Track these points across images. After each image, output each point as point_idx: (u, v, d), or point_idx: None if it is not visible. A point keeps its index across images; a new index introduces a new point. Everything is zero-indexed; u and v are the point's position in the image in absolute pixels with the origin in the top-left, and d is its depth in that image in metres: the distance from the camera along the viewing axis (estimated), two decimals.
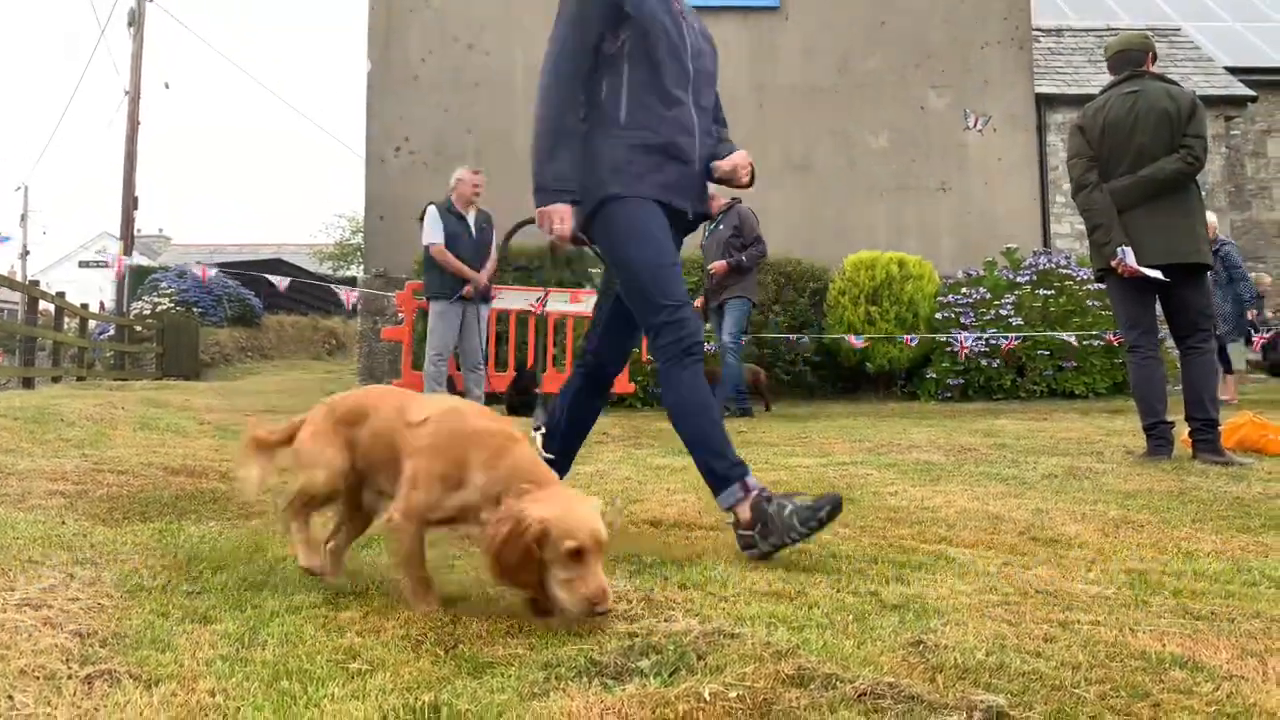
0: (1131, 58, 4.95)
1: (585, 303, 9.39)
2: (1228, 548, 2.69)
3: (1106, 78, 5.10)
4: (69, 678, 1.48)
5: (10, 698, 1.37)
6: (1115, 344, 9.93)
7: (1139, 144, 4.73)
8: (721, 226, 8.59)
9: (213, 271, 17.49)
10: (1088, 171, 4.89)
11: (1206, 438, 4.61)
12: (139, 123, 20.50)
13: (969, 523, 3.09)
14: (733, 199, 8.67)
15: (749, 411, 8.55)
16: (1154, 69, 4.96)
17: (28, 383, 11.79)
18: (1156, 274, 4.63)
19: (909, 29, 13.06)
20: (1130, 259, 4.65)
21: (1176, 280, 4.67)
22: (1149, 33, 5.46)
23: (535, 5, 12.15)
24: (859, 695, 1.47)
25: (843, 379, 11.47)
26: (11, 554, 2.20)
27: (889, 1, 13.09)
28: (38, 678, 1.47)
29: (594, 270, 10.54)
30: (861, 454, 5.07)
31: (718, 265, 8.35)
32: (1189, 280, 4.71)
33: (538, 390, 8.42)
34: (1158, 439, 4.71)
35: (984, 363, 10.33)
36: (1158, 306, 4.88)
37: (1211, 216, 12.55)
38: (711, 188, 8.68)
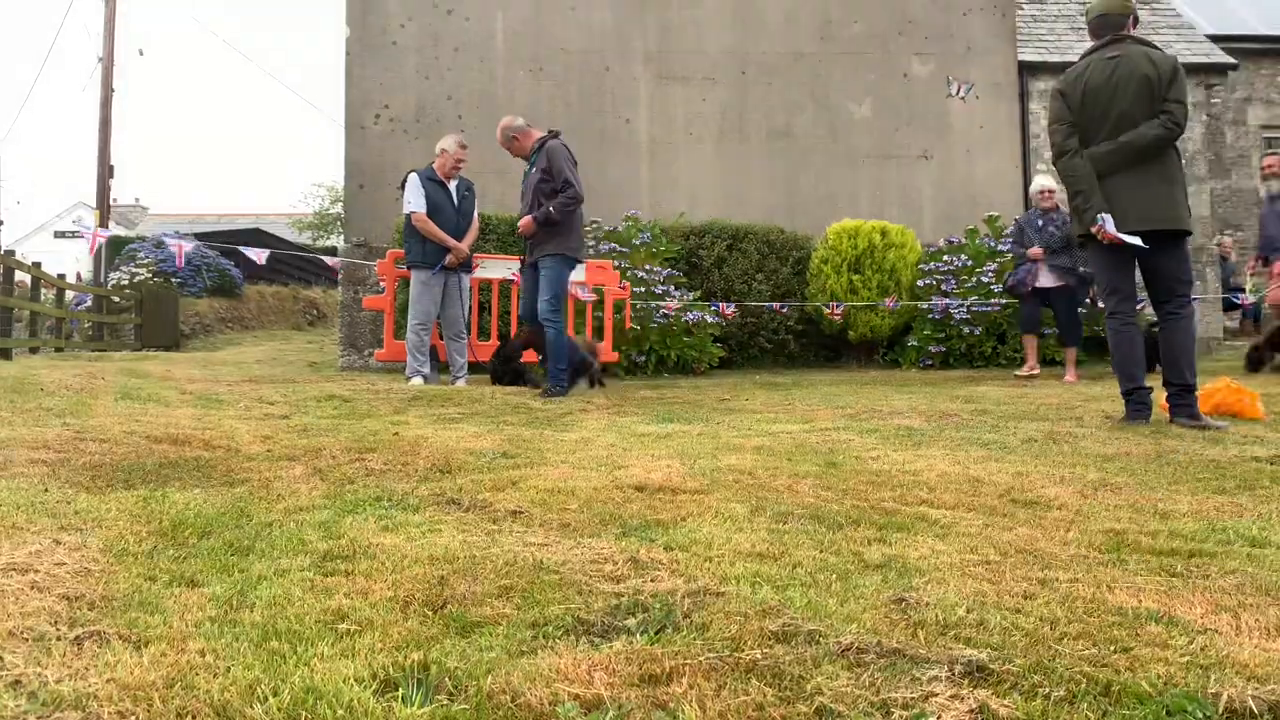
0: (1112, 22, 4.94)
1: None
2: (1203, 508, 2.74)
3: (1088, 45, 5.10)
4: (58, 639, 1.48)
5: (0, 659, 1.37)
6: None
7: (1120, 109, 4.74)
8: (533, 169, 6.75)
9: (189, 247, 17.29)
10: (1068, 138, 4.89)
11: (1183, 402, 4.66)
12: (113, 90, 20.22)
13: (950, 486, 3.13)
14: (549, 131, 6.89)
15: (563, 391, 6.49)
16: (1135, 34, 4.96)
17: (4, 353, 11.67)
18: (1136, 240, 4.66)
19: None
20: (1110, 225, 4.67)
21: (1155, 246, 4.70)
22: None
23: None
24: (842, 650, 1.50)
25: (825, 347, 11.51)
26: None
27: None
28: (26, 639, 1.47)
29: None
30: (843, 420, 5.10)
31: (524, 223, 6.69)
32: (1168, 246, 4.74)
33: (523, 360, 8.34)
34: (1136, 404, 4.76)
35: (965, 330, 10.39)
36: (1138, 274, 4.92)
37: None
38: (521, 120, 8.08)
